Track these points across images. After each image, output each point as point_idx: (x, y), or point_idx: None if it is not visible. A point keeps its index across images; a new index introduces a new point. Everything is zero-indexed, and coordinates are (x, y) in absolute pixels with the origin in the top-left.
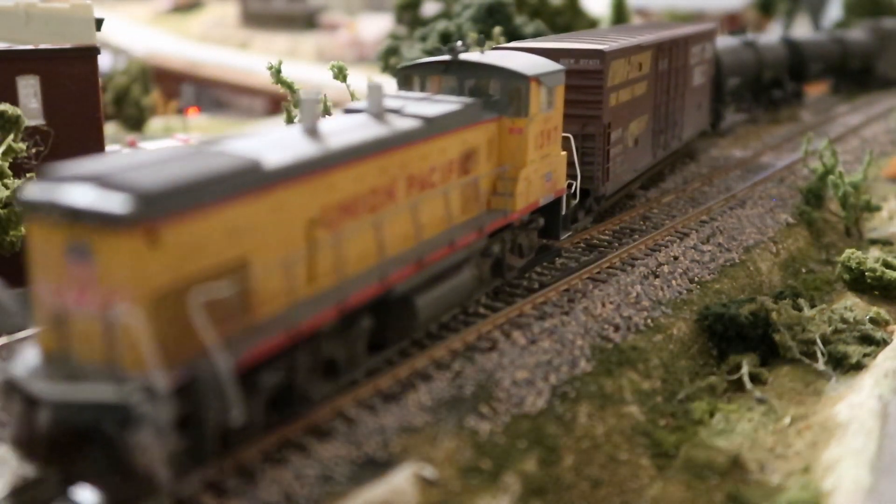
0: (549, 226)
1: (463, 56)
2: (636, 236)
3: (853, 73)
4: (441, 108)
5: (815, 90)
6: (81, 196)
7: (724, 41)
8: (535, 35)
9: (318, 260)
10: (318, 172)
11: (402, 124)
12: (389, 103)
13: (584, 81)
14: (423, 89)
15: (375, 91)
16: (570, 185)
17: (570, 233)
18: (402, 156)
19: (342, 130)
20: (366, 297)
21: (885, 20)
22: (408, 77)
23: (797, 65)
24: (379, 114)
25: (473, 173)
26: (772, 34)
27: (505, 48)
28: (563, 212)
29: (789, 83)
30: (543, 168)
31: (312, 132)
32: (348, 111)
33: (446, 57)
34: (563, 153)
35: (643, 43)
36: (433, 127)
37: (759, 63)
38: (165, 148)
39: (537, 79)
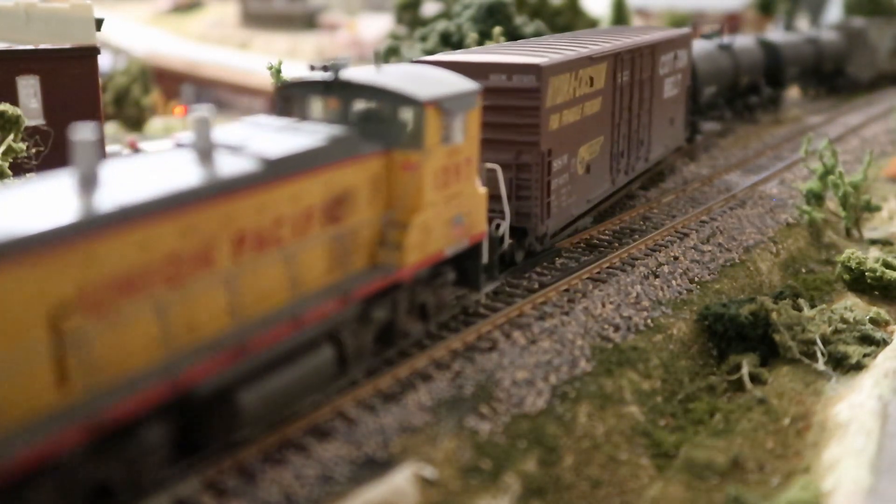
0: (467, 276)
1: (346, 74)
2: (636, 236)
3: (826, 76)
4: (299, 142)
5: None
6: None
7: (698, 46)
8: (536, 35)
9: (73, 357)
10: (70, 242)
11: (231, 167)
12: (230, 137)
13: (518, 101)
14: (304, 114)
15: (202, 125)
16: (498, 226)
17: (497, 282)
18: (226, 209)
19: (134, 178)
20: (145, 404)
21: (854, 20)
22: (287, 99)
23: (774, 68)
24: (205, 152)
25: (348, 222)
26: (747, 36)
27: (423, 62)
28: (488, 259)
29: (765, 88)
30: (450, 211)
31: (87, 182)
32: (178, 146)
33: (326, 74)
34: (483, 190)
35: (596, 53)
36: (278, 169)
37: (736, 68)
38: None
39: (436, 103)
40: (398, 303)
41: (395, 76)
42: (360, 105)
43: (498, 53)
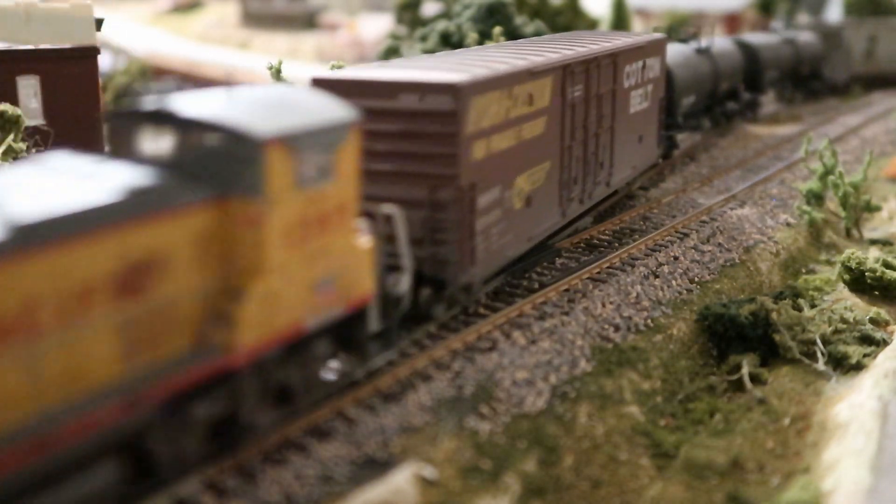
0: (352, 345)
1: (176, 102)
2: (636, 236)
3: (803, 79)
4: (81, 195)
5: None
6: None
7: (675, 51)
8: (536, 35)
9: None
10: None
11: None
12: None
13: (432, 127)
14: (131, 152)
15: None
16: (398, 282)
17: (394, 349)
18: None
19: None
20: None
21: (828, 19)
22: (115, 132)
23: (753, 72)
24: None
25: (156, 295)
26: (725, 38)
27: (320, 80)
28: (381, 324)
29: (744, 93)
30: (313, 272)
31: None
32: None
33: (153, 102)
34: (369, 243)
35: (537, 66)
36: (31, 236)
37: (716, 74)
38: None
39: (283, 140)
40: (239, 392)
41: (242, 104)
42: (191, 141)
43: (411, 68)
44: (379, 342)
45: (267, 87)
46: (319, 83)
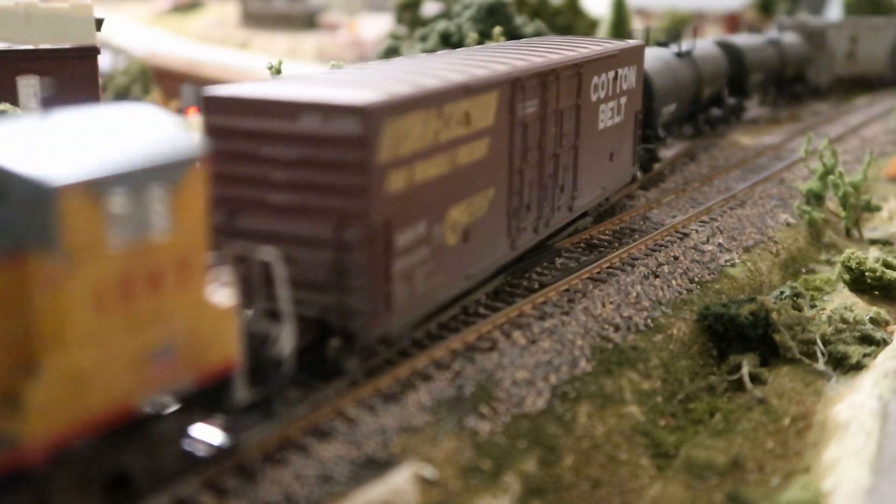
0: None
1: None
2: (636, 236)
3: (787, 82)
4: None
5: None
6: None
7: (653, 56)
8: (535, 35)
9: None
10: None
11: None
12: None
13: (336, 154)
14: None
15: None
16: (282, 339)
17: (276, 421)
18: None
19: None
20: None
21: (811, 18)
22: None
23: (738, 75)
24: None
25: None
26: (706, 40)
27: (216, 98)
28: (249, 396)
29: (729, 98)
30: (145, 340)
31: None
32: None
33: None
34: (228, 299)
35: (476, 81)
36: None
37: (698, 80)
38: None
39: (85, 185)
40: (44, 490)
41: (46, 139)
42: None
43: (318, 84)
44: (256, 413)
45: (89, 113)
46: (211, 101)
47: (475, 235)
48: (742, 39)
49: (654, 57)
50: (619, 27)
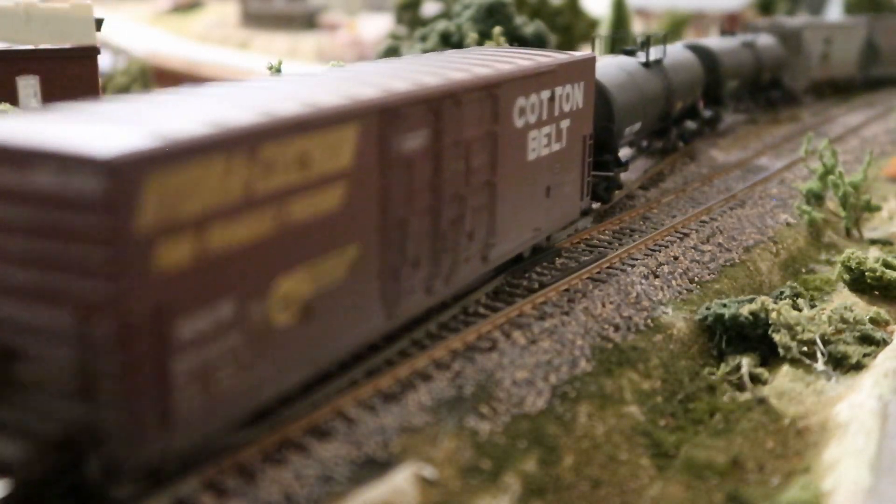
0: None
1: None
2: (636, 236)
3: (763, 88)
4: None
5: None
6: None
7: (615, 66)
8: (536, 35)
9: None
10: None
11: None
12: None
13: (75, 221)
14: None
15: None
16: None
17: None
18: None
19: None
20: None
21: (786, 19)
22: None
23: (713, 83)
24: None
25: None
26: (676, 45)
27: None
28: None
29: (704, 111)
30: None
31: None
32: None
33: None
34: None
35: (316, 114)
36: None
37: (669, 92)
38: None
39: None
40: None
41: None
42: None
43: (72, 121)
44: None
45: None
46: None
47: (325, 309)
48: (716, 43)
49: (617, 68)
50: (619, 27)
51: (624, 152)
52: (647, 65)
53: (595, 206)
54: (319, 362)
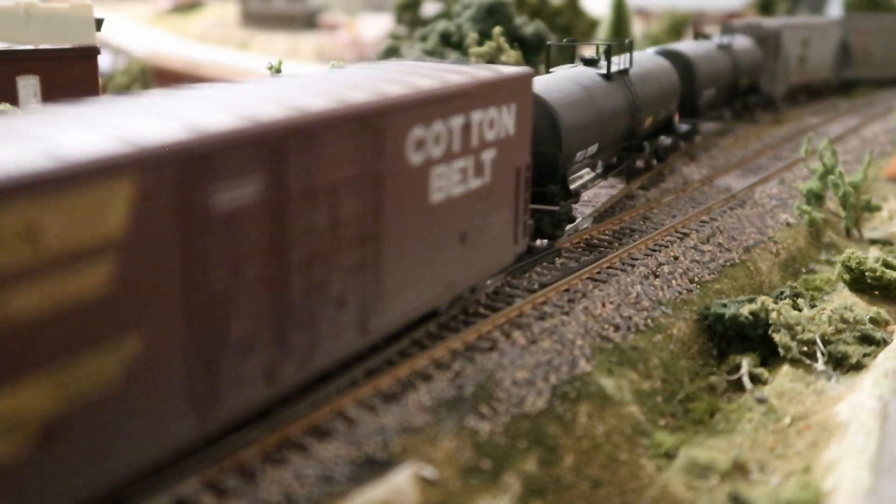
0: None
1: None
2: (636, 236)
3: (739, 95)
4: None
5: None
6: None
7: (567, 81)
8: (536, 35)
9: None
10: None
11: None
12: None
13: None
14: None
15: None
16: None
17: None
18: None
19: None
20: None
21: (764, 20)
22: None
23: (689, 94)
24: None
25: None
26: (646, 52)
27: None
28: None
29: (680, 124)
30: None
31: None
32: None
33: None
34: None
35: (51, 171)
36: None
37: (634, 107)
38: None
39: None
40: None
41: None
42: None
43: None
44: None
45: None
46: None
47: (84, 428)
48: (691, 48)
49: (570, 82)
50: (619, 27)
51: (586, 175)
52: (608, 76)
53: (540, 243)
54: (81, 498)
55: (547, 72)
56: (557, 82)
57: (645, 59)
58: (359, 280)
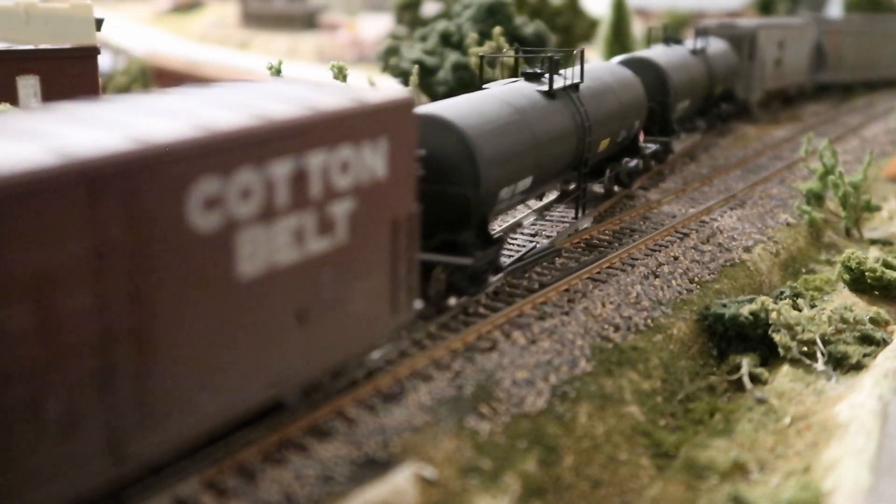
0: None
1: None
2: (636, 236)
3: (714, 103)
4: None
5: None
6: None
7: (489, 99)
8: (536, 35)
9: None
10: None
11: None
12: None
13: None
14: None
15: None
16: None
17: None
18: None
19: None
20: None
21: (739, 20)
22: None
23: (660, 108)
24: None
25: None
26: (604, 64)
27: None
28: None
29: (647, 145)
30: None
31: None
32: None
33: None
34: None
35: None
36: None
37: (583, 129)
38: None
39: None
40: None
41: None
42: None
43: None
44: None
45: None
46: None
47: None
48: (662, 55)
49: (498, 104)
50: (619, 28)
51: (521, 213)
52: (550, 94)
53: (456, 302)
54: None
55: (479, 88)
56: (480, 103)
57: (602, 71)
58: (103, 395)
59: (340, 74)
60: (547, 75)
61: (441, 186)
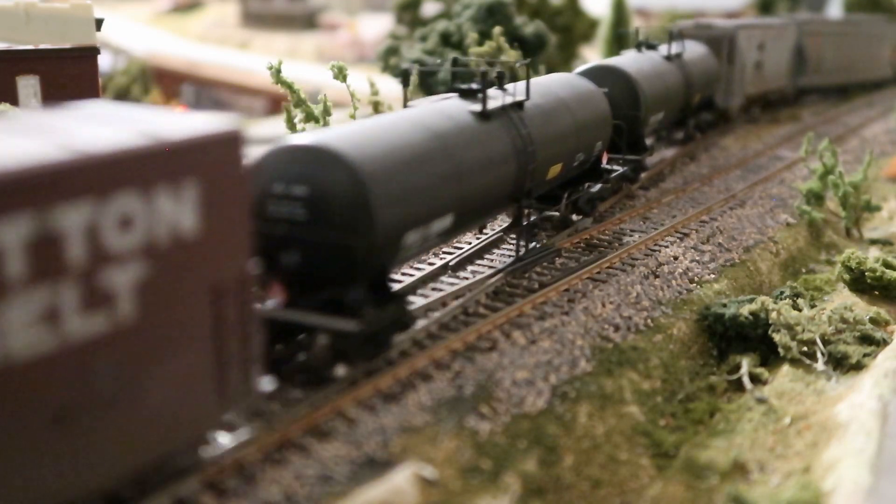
0: None
1: None
2: (636, 236)
3: (693, 112)
4: None
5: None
6: None
7: (413, 118)
8: (536, 35)
9: None
10: None
11: None
12: None
13: None
14: None
15: None
16: None
17: None
18: None
19: None
20: None
21: (718, 21)
22: None
23: (631, 123)
24: None
25: None
26: (561, 77)
27: None
28: None
29: (613, 168)
30: None
31: None
32: None
33: None
34: None
35: None
36: None
37: (522, 155)
38: None
39: None
40: None
41: None
42: None
43: None
44: None
45: None
46: None
47: None
48: (632, 64)
49: (417, 129)
50: (619, 27)
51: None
52: (485, 114)
53: (345, 372)
54: None
55: (404, 106)
56: (384, 130)
57: (558, 84)
58: None
59: (340, 74)
60: (476, 96)
61: (324, 233)
